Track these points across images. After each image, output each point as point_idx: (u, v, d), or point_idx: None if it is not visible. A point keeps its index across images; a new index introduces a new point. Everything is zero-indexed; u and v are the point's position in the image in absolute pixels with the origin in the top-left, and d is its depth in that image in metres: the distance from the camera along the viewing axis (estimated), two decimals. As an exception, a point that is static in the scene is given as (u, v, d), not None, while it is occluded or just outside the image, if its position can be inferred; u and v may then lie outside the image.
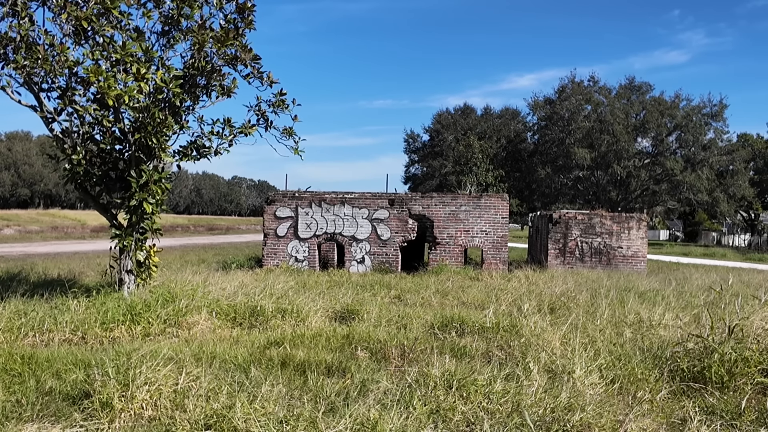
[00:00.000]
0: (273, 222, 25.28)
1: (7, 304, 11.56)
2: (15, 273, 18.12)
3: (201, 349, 9.78)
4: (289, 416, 6.83)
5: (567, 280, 17.82)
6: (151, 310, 11.08)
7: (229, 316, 11.88)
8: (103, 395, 7.35)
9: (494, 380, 7.86)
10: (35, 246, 39.91)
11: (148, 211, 12.00)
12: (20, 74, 11.83)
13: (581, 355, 8.91)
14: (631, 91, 71.43)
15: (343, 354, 9.81)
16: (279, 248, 25.19)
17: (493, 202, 24.53)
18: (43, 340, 10.43)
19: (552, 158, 71.85)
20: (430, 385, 7.81)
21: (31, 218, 74.76)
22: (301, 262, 24.93)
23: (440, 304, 14.76)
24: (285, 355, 9.51)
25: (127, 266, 12.46)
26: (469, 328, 11.18)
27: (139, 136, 11.63)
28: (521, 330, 10.74)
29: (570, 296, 14.27)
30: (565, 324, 11.13)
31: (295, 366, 9.10)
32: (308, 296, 13.80)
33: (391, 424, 6.49)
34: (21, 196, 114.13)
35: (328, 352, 9.90)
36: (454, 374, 7.99)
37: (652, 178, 70.01)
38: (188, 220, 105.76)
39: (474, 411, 7.29)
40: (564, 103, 70.47)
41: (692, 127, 67.59)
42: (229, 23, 12.64)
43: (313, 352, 9.73)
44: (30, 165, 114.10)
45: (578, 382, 8.19)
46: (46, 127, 12.35)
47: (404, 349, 9.87)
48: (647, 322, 11.62)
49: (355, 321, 12.15)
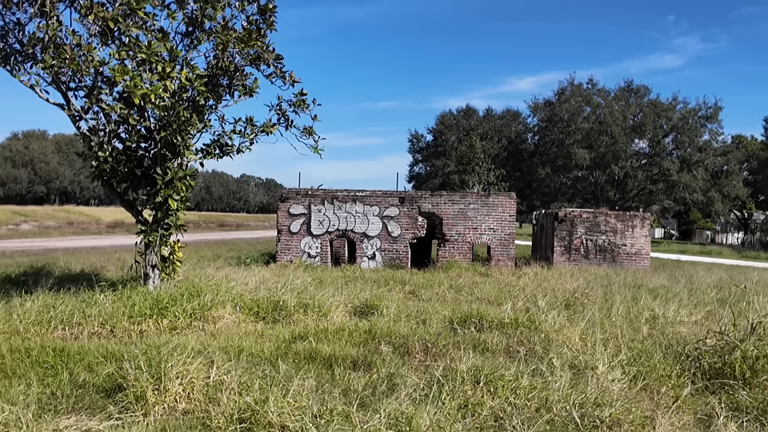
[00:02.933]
0: (287, 219, 25.12)
1: (35, 297, 11.42)
2: (39, 267, 17.99)
3: (228, 343, 9.64)
4: (323, 411, 6.68)
5: (576, 277, 17.65)
6: (177, 304, 10.93)
7: (252, 311, 11.73)
8: (137, 388, 7.20)
9: (521, 376, 7.70)
10: (54, 241, 39.77)
11: (173, 208, 11.85)
12: (48, 73, 11.69)
13: (603, 351, 8.75)
14: (629, 94, 71.24)
15: (366, 348, 9.65)
16: (292, 244, 25.04)
17: (500, 200, 24.36)
18: (73, 333, 10.29)
19: (552, 158, 71.68)
20: (458, 380, 7.66)
21: (48, 214, 74.67)
22: (313, 257, 24.78)
23: (454, 299, 14.61)
24: (311, 349, 9.36)
25: (152, 261, 12.31)
26: (487, 323, 11.01)
27: (165, 134, 11.48)
28: (540, 326, 10.59)
29: (584, 293, 14.08)
30: (582, 320, 10.99)
31: (321, 360, 8.96)
32: (328, 291, 13.63)
33: (426, 420, 6.33)
34: (37, 192, 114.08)
35: (353, 346, 9.75)
36: (481, 369, 7.84)
37: (649, 178, 69.89)
38: (198, 216, 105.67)
39: (502, 406, 7.14)
40: (563, 105, 70.29)
41: (688, 129, 67.46)
42: (251, 24, 12.48)
43: (337, 346, 9.59)
44: (46, 163, 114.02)
45: (601, 378, 8.04)
46: (74, 125, 12.20)
47: (426, 345, 9.73)
48: (662, 318, 11.45)
49: (374, 316, 11.99)
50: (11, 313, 10.49)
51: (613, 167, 67.67)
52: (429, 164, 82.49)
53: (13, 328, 10.07)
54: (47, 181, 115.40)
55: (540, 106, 73.42)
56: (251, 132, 12.95)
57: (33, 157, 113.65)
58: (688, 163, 67.00)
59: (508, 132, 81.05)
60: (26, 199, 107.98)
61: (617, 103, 69.63)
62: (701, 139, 68.01)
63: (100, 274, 16.36)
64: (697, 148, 67.35)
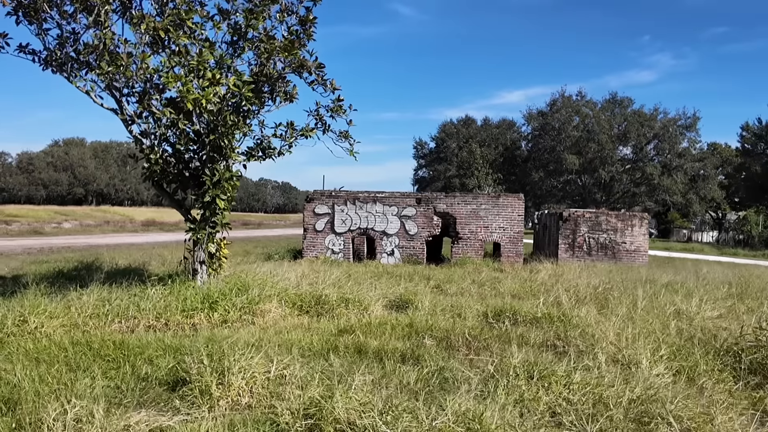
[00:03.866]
0: (312, 218, 24.56)
1: (90, 291, 10.86)
2: (88, 263, 17.43)
3: (279, 337, 9.09)
4: (388, 406, 6.11)
5: (588, 272, 17.05)
6: (226, 299, 10.36)
7: (296, 305, 11.15)
8: (201, 383, 6.64)
9: (573, 371, 7.12)
10: (95, 238, 39.26)
11: (221, 207, 11.30)
12: (103, 80, 11.16)
13: (644, 346, 8.17)
14: (614, 105, 70.77)
15: (411, 342, 9.07)
16: (317, 241, 24.47)
17: (510, 201, 23.79)
18: (129, 325, 9.73)
19: (544, 163, 71.21)
20: (511, 375, 7.08)
21: (86, 214, 74.30)
22: (337, 254, 24.22)
23: (479, 294, 14.00)
24: (359, 342, 8.78)
25: (200, 257, 11.75)
26: (521, 318, 10.43)
27: (213, 137, 10.92)
28: (573, 320, 10.00)
29: (606, 288, 13.45)
30: (612, 315, 10.41)
31: (371, 354, 8.39)
32: (363, 286, 13.05)
33: (494, 417, 5.76)
34: (76, 194, 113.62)
35: (397, 340, 9.18)
36: (535, 364, 7.26)
37: (633, 182, 69.54)
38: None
39: (557, 401, 6.57)
40: (555, 115, 69.92)
41: (668, 136, 67.06)
42: (292, 34, 11.92)
43: (383, 340, 9.01)
44: (84, 167, 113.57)
45: (646, 373, 7.45)
46: (126, 129, 11.66)
47: (468, 338, 9.16)
48: (686, 313, 10.86)
49: (410, 310, 11.42)
50: (69, 307, 9.93)
51: (601, 171, 67.33)
52: (432, 169, 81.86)
53: (72, 321, 9.52)
54: (85, 184, 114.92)
55: (534, 116, 73.04)
56: (291, 135, 12.39)
57: (72, 162, 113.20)
58: (669, 168, 66.55)
59: (504, 139, 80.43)
60: (66, 200, 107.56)
61: (604, 113, 69.20)
62: (681, 146, 67.57)
63: (145, 269, 15.81)
64: (677, 154, 66.89)
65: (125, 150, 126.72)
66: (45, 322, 9.24)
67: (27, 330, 9.03)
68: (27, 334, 8.97)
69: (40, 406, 6.26)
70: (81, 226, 52.65)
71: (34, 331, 9.05)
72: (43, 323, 9.20)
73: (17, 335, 8.92)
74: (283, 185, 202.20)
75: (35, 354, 8.12)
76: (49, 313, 9.48)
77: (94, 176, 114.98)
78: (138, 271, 14.69)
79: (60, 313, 9.61)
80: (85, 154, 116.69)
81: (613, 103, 70.87)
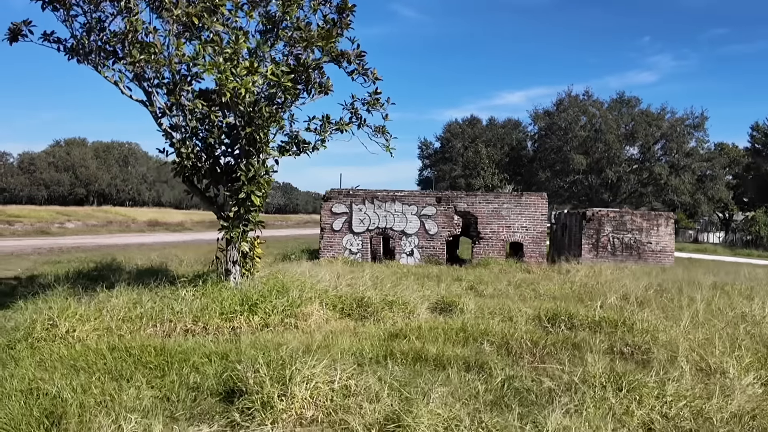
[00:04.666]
0: (329, 217, 23.95)
1: (119, 293, 10.25)
2: (107, 263, 16.78)
3: (327, 342, 8.48)
4: (477, 422, 5.52)
5: (622, 273, 16.46)
6: (266, 301, 9.73)
7: (337, 307, 10.53)
8: (262, 394, 6.04)
9: (665, 382, 6.51)
10: (103, 238, 38.59)
11: (256, 204, 10.68)
12: (130, 70, 10.56)
13: (728, 353, 7.58)
14: (621, 104, 70.05)
15: (468, 348, 8.48)
16: (335, 241, 23.87)
17: (533, 200, 23.19)
18: (164, 329, 9.10)
19: (551, 163, 70.49)
20: (596, 386, 6.48)
21: (88, 214, 73.51)
22: (354, 254, 23.61)
23: (518, 296, 13.40)
24: (415, 348, 8.18)
25: (233, 257, 11.13)
26: (578, 322, 9.82)
27: (250, 130, 10.30)
28: (636, 325, 9.39)
29: (657, 290, 12.82)
30: (669, 318, 9.81)
31: (432, 361, 7.79)
32: (399, 287, 12.43)
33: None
34: (78, 194, 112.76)
35: (454, 345, 8.58)
36: (622, 374, 6.65)
37: (640, 182, 68.81)
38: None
39: (651, 416, 5.97)
40: (562, 115, 69.17)
41: (676, 136, 66.36)
42: (327, 23, 11.31)
43: (439, 346, 8.41)
44: (86, 167, 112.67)
45: (735, 383, 6.85)
46: (155, 122, 11.04)
47: (528, 344, 8.56)
48: (751, 316, 10.25)
49: (454, 313, 10.82)
50: (100, 310, 9.31)
51: (608, 171, 66.65)
52: (437, 169, 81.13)
53: (105, 324, 8.90)
54: (87, 184, 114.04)
55: (540, 116, 72.33)
56: (326, 130, 11.78)
57: (74, 162, 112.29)
58: (677, 168, 65.88)
59: (509, 139, 79.67)
60: (68, 201, 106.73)
61: (611, 112, 68.54)
62: (688, 145, 66.89)
63: (168, 269, 15.21)
64: (685, 153, 66.23)
65: (126, 150, 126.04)
66: (76, 326, 8.63)
67: (57, 334, 8.43)
68: (58, 339, 8.37)
69: (89, 420, 5.68)
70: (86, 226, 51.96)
71: (66, 335, 8.45)
72: (74, 327, 8.59)
73: (47, 340, 8.32)
74: (284, 186, 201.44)
75: (71, 361, 7.53)
76: (80, 316, 8.87)
77: (95, 176, 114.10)
78: (161, 272, 14.08)
79: (91, 316, 8.99)
80: (86, 154, 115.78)
81: (620, 102, 70.18)
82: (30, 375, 6.87)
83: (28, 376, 6.82)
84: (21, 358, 7.79)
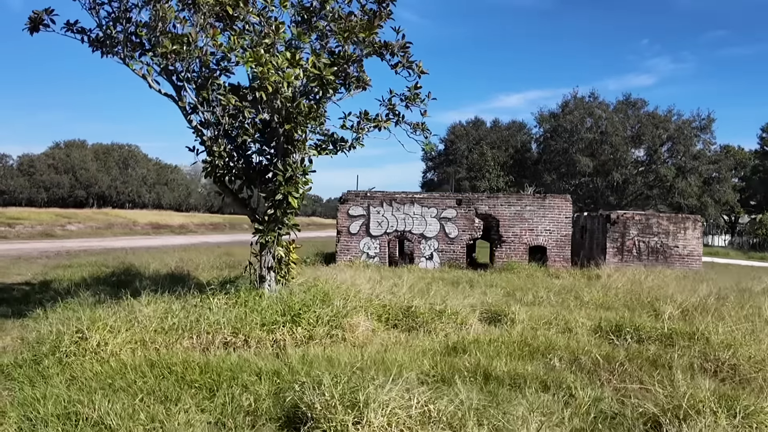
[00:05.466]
0: (346, 220, 23.23)
1: (147, 301, 9.50)
2: (125, 268, 15.97)
3: (380, 356, 7.75)
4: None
5: (661, 279, 15.73)
6: (310, 311, 8.96)
7: (382, 317, 9.79)
8: (334, 421, 5.32)
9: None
10: (109, 241, 37.72)
11: (294, 206, 9.94)
12: (159, 63, 9.84)
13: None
14: (627, 106, 69.50)
15: (536, 364, 7.75)
16: (351, 245, 23.14)
17: (557, 202, 22.49)
18: (201, 342, 8.35)
19: (556, 166, 69.95)
20: (705, 412, 5.75)
21: (88, 216, 72.47)
22: (372, 258, 22.88)
23: (562, 304, 12.65)
24: (482, 365, 7.45)
25: (268, 263, 10.38)
26: (646, 334, 9.09)
27: (289, 126, 9.56)
28: (711, 337, 8.66)
29: (718, 298, 12.07)
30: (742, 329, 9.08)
31: (502, 380, 7.07)
32: (442, 294, 11.68)
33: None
34: (78, 197, 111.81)
35: (520, 360, 7.85)
36: (736, 399, 5.91)
37: (646, 184, 68.34)
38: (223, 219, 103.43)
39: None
40: (567, 117, 68.58)
41: (683, 138, 65.83)
42: (366, 14, 10.58)
43: (507, 361, 7.68)
44: (86, 170, 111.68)
45: None
46: (185, 119, 10.31)
47: (601, 360, 7.84)
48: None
49: (505, 323, 10.09)
50: (131, 320, 8.57)
51: (614, 174, 66.09)
52: (441, 171, 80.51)
53: (138, 337, 8.15)
54: (87, 186, 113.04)
55: (546, 118, 71.72)
56: (363, 127, 11.04)
57: (74, 164, 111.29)
58: (683, 171, 65.34)
59: (514, 142, 79.09)
60: (68, 203, 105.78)
61: (617, 114, 67.98)
62: (695, 148, 66.36)
63: (189, 274, 14.46)
64: (692, 156, 65.69)
65: (126, 152, 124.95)
66: (108, 338, 7.89)
67: (88, 348, 7.68)
68: (89, 353, 7.63)
69: (141, 452, 4.96)
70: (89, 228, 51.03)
71: (97, 349, 7.71)
72: (105, 340, 7.85)
73: (78, 355, 7.58)
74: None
75: (107, 379, 6.80)
76: (110, 327, 8.13)
77: (95, 178, 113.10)
78: (183, 278, 13.36)
79: (122, 326, 8.24)
80: (86, 156, 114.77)
81: (626, 104, 69.65)
82: (65, 396, 6.14)
83: (63, 398, 6.09)
84: (50, 375, 7.07)
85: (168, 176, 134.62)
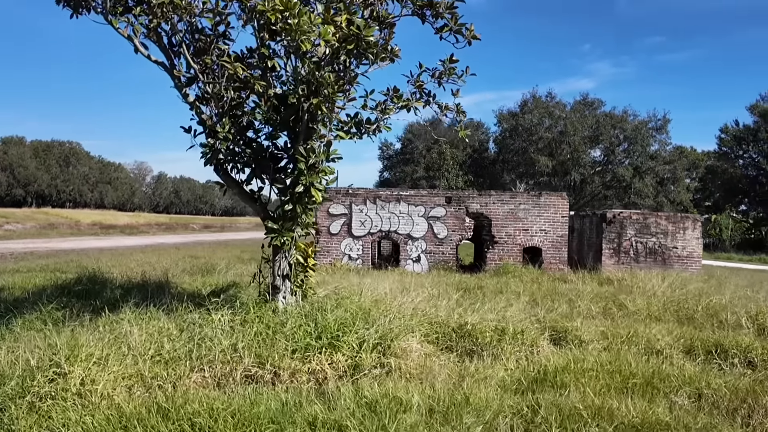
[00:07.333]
0: (326, 219, 21.27)
1: (130, 319, 7.49)
2: (89, 275, 13.56)
3: (460, 395, 5.93)
4: None
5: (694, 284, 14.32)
6: (350, 332, 7.06)
7: (430, 336, 7.95)
8: None
9: None
10: (56, 242, 34.66)
11: (318, 200, 8.03)
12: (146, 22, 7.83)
13: None
14: (585, 107, 69.28)
15: (659, 404, 6.03)
16: (332, 246, 21.21)
17: (552, 200, 20.98)
18: (215, 375, 6.39)
19: (515, 165, 69.30)
20: None
21: (27, 216, 68.46)
22: (354, 260, 21.02)
23: (604, 314, 11.03)
24: (593, 406, 5.70)
25: (283, 269, 8.40)
26: (755, 356, 7.51)
27: (316, 101, 7.63)
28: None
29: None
30: None
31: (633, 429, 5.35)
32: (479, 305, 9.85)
33: None
34: (15, 196, 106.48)
35: (635, 397, 6.13)
36: None
37: (603, 184, 68.26)
38: (170, 219, 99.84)
39: None
40: (526, 116, 67.96)
41: (640, 138, 65.87)
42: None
43: (620, 399, 5.96)
44: (24, 167, 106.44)
45: None
46: (179, 91, 8.28)
47: (733, 396, 6.21)
48: None
49: (572, 342, 8.37)
50: (120, 347, 6.55)
51: (573, 173, 65.79)
52: (398, 170, 78.95)
53: (134, 370, 6.15)
54: (25, 185, 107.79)
55: (505, 117, 71.04)
56: (391, 107, 9.17)
57: (12, 161, 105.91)
58: (640, 171, 65.41)
59: (471, 141, 78.10)
60: (5, 202, 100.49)
61: (575, 114, 67.66)
62: (652, 148, 66.55)
63: (170, 282, 12.34)
64: (648, 156, 65.83)
65: (67, 150, 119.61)
66: (95, 373, 5.87)
67: (70, 388, 5.66)
68: (71, 395, 5.60)
69: None
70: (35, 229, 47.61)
71: (82, 389, 5.69)
72: (92, 376, 5.83)
73: (56, 398, 5.55)
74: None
75: (105, 438, 4.82)
76: (96, 358, 6.11)
77: (34, 176, 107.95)
78: (163, 286, 11.29)
79: (111, 356, 6.23)
80: (24, 153, 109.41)
81: (583, 104, 69.46)
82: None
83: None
84: (19, 431, 5.06)
85: (111, 174, 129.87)
